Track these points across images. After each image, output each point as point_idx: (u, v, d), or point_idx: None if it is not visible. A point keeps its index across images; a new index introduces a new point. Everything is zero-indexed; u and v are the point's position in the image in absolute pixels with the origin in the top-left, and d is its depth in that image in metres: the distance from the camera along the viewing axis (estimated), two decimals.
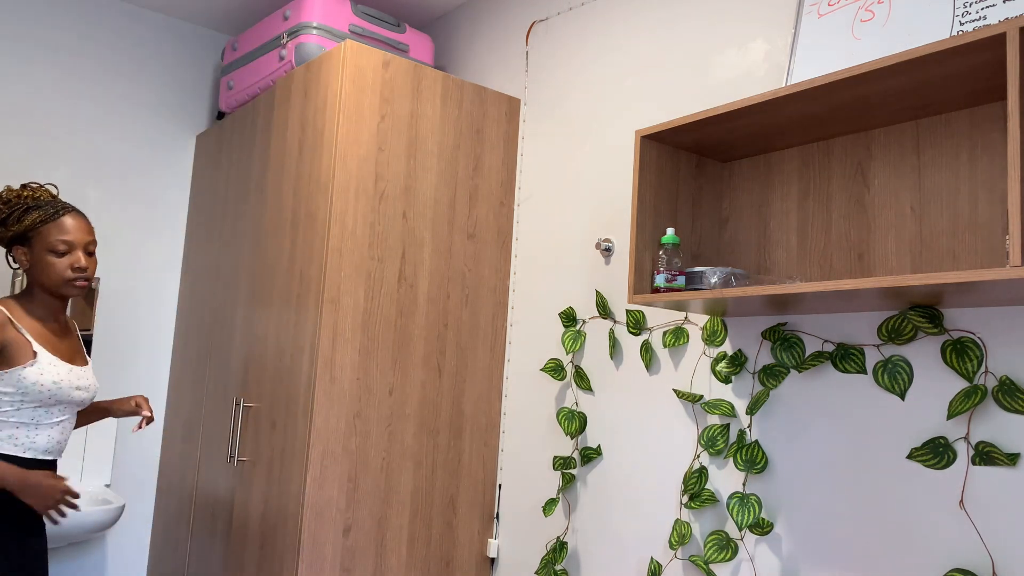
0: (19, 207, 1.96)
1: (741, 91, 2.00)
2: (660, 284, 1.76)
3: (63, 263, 1.94)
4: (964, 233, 1.53)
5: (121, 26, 3.21)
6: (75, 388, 1.97)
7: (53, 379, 1.91)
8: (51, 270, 1.93)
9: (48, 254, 1.93)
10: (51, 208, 1.96)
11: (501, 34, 2.84)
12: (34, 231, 1.94)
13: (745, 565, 1.84)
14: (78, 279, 1.95)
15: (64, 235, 1.94)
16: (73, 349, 2.05)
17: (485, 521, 2.54)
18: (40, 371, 1.89)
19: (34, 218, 1.94)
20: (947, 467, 1.52)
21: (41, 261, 1.94)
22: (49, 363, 1.91)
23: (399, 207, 2.41)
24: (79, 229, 1.98)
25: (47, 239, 1.93)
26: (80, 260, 1.96)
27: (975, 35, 1.27)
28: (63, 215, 1.97)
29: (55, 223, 1.95)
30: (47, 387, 1.90)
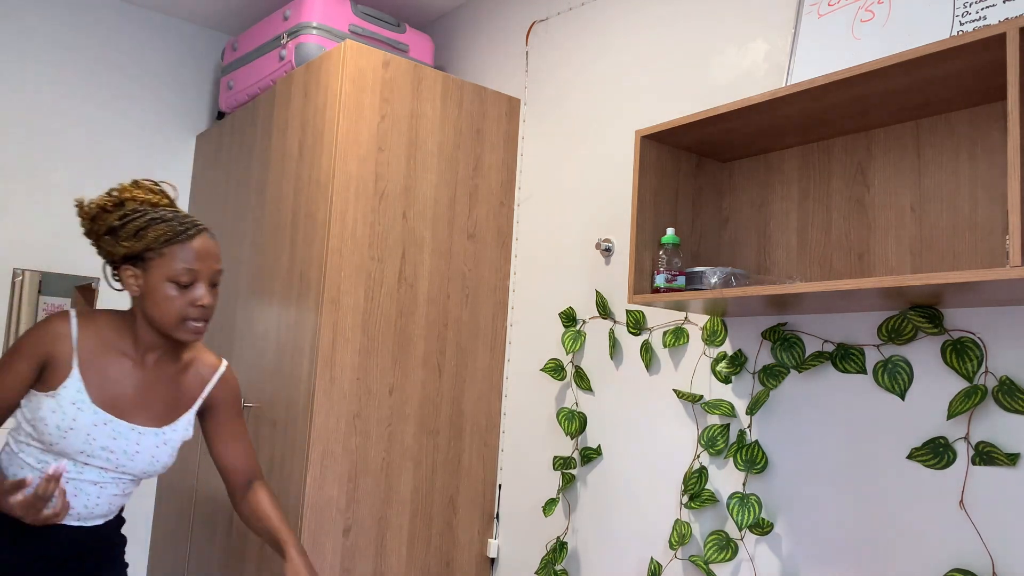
0: (138, 216, 1.52)
1: (741, 91, 2.00)
2: (660, 284, 1.76)
3: (184, 299, 1.50)
4: (964, 233, 1.53)
5: (121, 26, 3.21)
6: (103, 447, 1.50)
7: (60, 422, 1.46)
8: (167, 305, 1.50)
9: (167, 284, 1.49)
10: (179, 225, 1.51)
11: (501, 34, 2.84)
12: (155, 252, 1.50)
13: (745, 565, 1.84)
14: (198, 321, 1.52)
15: (192, 262, 1.50)
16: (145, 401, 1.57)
17: (485, 521, 2.54)
18: (55, 406, 1.47)
19: (158, 235, 1.49)
20: (947, 467, 1.52)
21: (156, 292, 1.50)
22: (71, 402, 1.48)
23: (399, 207, 2.41)
24: (210, 255, 1.54)
25: (170, 265, 1.49)
26: (205, 297, 1.51)
27: (975, 35, 1.27)
28: (195, 236, 1.52)
29: (183, 245, 1.50)
30: (50, 429, 1.47)
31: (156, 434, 1.57)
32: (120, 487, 1.57)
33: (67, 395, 1.48)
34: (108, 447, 1.51)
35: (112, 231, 1.53)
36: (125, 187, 1.56)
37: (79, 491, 1.52)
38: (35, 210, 2.98)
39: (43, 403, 1.48)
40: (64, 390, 1.48)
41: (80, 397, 1.49)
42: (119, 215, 1.52)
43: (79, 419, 1.48)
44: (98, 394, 1.51)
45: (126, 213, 1.52)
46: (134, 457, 1.54)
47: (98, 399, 1.51)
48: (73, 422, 1.47)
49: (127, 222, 1.51)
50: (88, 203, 1.56)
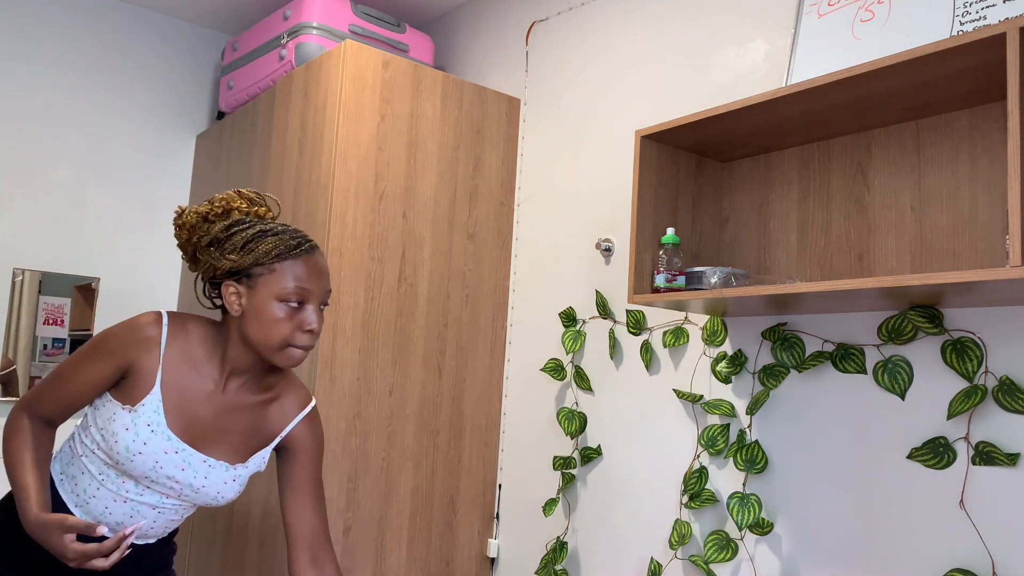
0: (246, 227, 1.39)
1: (741, 91, 2.00)
2: (660, 284, 1.76)
3: (292, 321, 1.36)
4: (964, 233, 1.53)
5: (121, 26, 3.21)
6: (168, 476, 1.40)
7: (131, 443, 1.36)
8: (274, 328, 1.35)
9: (275, 304, 1.35)
10: (291, 239, 1.39)
11: (501, 34, 2.84)
12: (264, 267, 1.36)
13: (745, 565, 1.84)
14: (303, 347, 1.38)
15: (304, 281, 1.37)
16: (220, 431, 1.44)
17: (485, 521, 2.54)
18: (130, 423, 1.36)
19: (269, 249, 1.36)
20: (947, 467, 1.52)
21: (263, 312, 1.36)
22: (146, 422, 1.36)
23: (399, 207, 2.41)
24: (322, 274, 1.40)
25: (281, 283, 1.35)
26: (314, 320, 1.38)
27: (975, 35, 1.27)
28: (309, 251, 1.40)
29: (295, 261, 1.37)
30: (119, 448, 1.36)
31: (227, 469, 1.45)
32: (179, 513, 1.48)
33: (144, 414, 1.36)
34: (174, 476, 1.40)
35: (216, 243, 1.39)
36: (229, 195, 1.44)
37: (135, 512, 1.42)
38: (35, 210, 2.98)
39: (118, 416, 1.37)
40: (142, 408, 1.36)
41: (157, 419, 1.37)
42: (224, 225, 1.39)
43: (150, 443, 1.36)
44: (175, 418, 1.39)
45: (233, 223, 1.40)
46: (199, 490, 1.43)
47: (174, 424, 1.38)
48: (144, 446, 1.36)
49: (234, 233, 1.38)
50: (188, 211, 1.43)
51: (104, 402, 1.39)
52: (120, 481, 1.40)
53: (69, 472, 1.42)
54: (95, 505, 1.40)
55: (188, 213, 1.43)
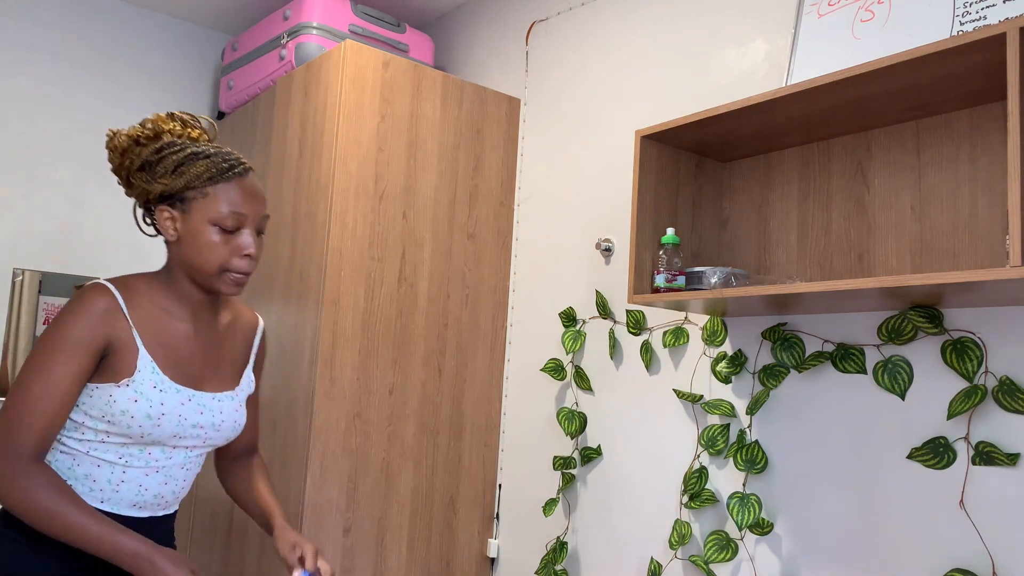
0: (177, 149, 1.35)
1: (741, 91, 2.00)
2: (660, 284, 1.76)
3: (228, 246, 1.34)
4: (964, 233, 1.53)
5: (121, 26, 3.21)
6: (193, 425, 1.37)
7: (149, 410, 1.31)
8: (210, 252, 1.33)
9: (209, 228, 1.33)
10: (224, 161, 1.35)
11: (501, 34, 2.84)
12: (197, 191, 1.33)
13: (745, 565, 1.84)
14: (241, 272, 1.36)
15: (239, 204, 1.34)
16: (212, 365, 1.43)
17: (485, 521, 2.54)
18: (134, 394, 1.30)
19: (200, 171, 1.33)
20: (947, 467, 1.52)
21: (198, 236, 1.33)
22: (151, 384, 1.32)
23: (399, 207, 2.41)
24: (257, 198, 1.37)
25: (214, 207, 1.32)
26: (250, 244, 1.35)
27: (975, 35, 1.27)
28: (243, 174, 1.37)
29: (229, 184, 1.34)
30: (139, 420, 1.30)
31: (232, 397, 1.44)
32: (200, 463, 1.46)
33: (144, 379, 1.31)
34: (198, 423, 1.38)
35: (146, 166, 1.36)
36: (160, 117, 1.39)
37: (168, 479, 1.39)
38: (35, 210, 2.98)
39: (116, 395, 1.29)
40: (139, 375, 1.31)
41: (158, 378, 1.32)
42: (155, 148, 1.36)
43: (167, 401, 1.33)
44: (173, 369, 1.36)
45: (164, 146, 1.36)
46: (220, 427, 1.42)
47: (175, 375, 1.36)
48: (162, 406, 1.32)
49: (164, 156, 1.35)
50: (119, 134, 1.39)
51: (90, 392, 1.30)
52: (146, 454, 1.35)
53: (78, 474, 1.33)
54: (127, 490, 1.35)
55: (119, 136, 1.39)
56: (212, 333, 1.45)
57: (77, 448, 1.33)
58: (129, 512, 1.36)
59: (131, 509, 1.36)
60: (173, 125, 1.40)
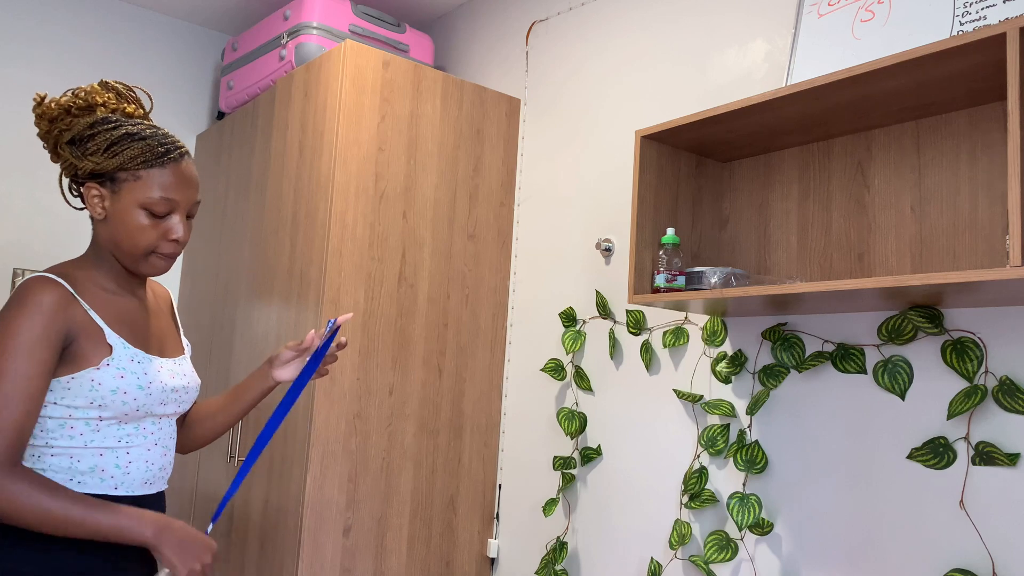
0: (111, 127, 1.32)
1: (741, 91, 2.00)
2: (660, 284, 1.76)
3: (157, 230, 1.32)
4: (964, 233, 1.53)
5: (121, 26, 3.21)
6: (173, 389, 1.40)
7: (138, 381, 1.32)
8: (138, 236, 1.31)
9: (139, 212, 1.31)
10: (160, 145, 1.32)
11: (501, 34, 2.84)
12: (129, 173, 1.30)
13: (745, 565, 1.84)
14: (167, 256, 1.36)
15: (171, 191, 1.32)
16: (160, 334, 1.45)
17: (485, 521, 2.54)
18: (119, 371, 1.30)
19: (135, 155, 1.30)
20: (947, 467, 1.52)
21: (126, 218, 1.31)
22: (130, 358, 1.32)
23: (399, 207, 2.41)
24: (190, 184, 1.36)
25: (146, 191, 1.30)
26: (178, 230, 1.34)
27: (975, 35, 1.27)
28: (178, 159, 1.34)
29: (163, 170, 1.32)
30: (133, 394, 1.31)
31: (186, 360, 1.48)
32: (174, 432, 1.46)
33: (121, 356, 1.31)
34: (176, 387, 1.40)
35: (77, 140, 1.32)
36: (95, 88, 1.36)
37: (166, 449, 1.41)
38: (35, 210, 2.98)
39: (100, 377, 1.28)
40: (116, 351, 1.31)
41: (132, 352, 1.33)
42: (88, 123, 1.32)
43: (149, 371, 1.34)
44: (140, 343, 1.37)
45: (97, 122, 1.32)
46: (189, 388, 1.45)
47: (143, 347, 1.37)
48: (146, 375, 1.33)
49: (97, 133, 1.31)
50: (49, 100, 1.35)
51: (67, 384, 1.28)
52: (142, 429, 1.35)
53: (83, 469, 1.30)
54: (136, 470, 1.35)
55: (48, 102, 1.35)
56: (148, 304, 1.46)
57: (72, 445, 1.29)
58: (142, 491, 1.36)
59: (143, 487, 1.36)
60: (108, 96, 1.37)
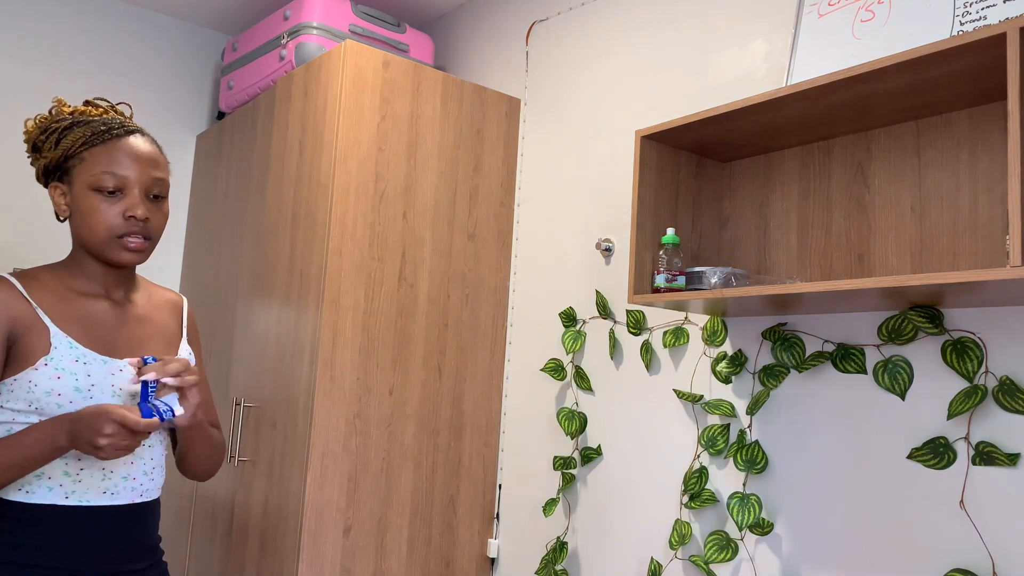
0: (59, 122, 1.34)
1: (741, 91, 2.00)
2: (660, 284, 1.76)
3: (111, 211, 1.29)
4: (964, 233, 1.53)
5: (121, 26, 3.21)
6: (132, 395, 1.31)
7: (76, 383, 1.25)
8: (92, 219, 1.28)
9: (91, 194, 1.29)
10: (103, 125, 1.32)
11: (501, 34, 2.84)
12: (75, 158, 1.30)
13: (745, 565, 1.84)
14: (131, 234, 1.30)
15: (115, 165, 1.29)
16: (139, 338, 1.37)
17: (485, 521, 2.54)
18: (56, 371, 1.24)
19: (76, 137, 1.30)
20: (947, 467, 1.52)
21: (81, 204, 1.30)
22: (72, 359, 1.25)
23: (399, 207, 2.41)
24: (142, 159, 1.32)
25: (90, 169, 1.29)
26: (136, 206, 1.29)
27: (975, 35, 1.27)
28: (121, 135, 1.32)
29: (105, 146, 1.30)
30: (68, 396, 1.24)
31: None
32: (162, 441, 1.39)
33: (62, 355, 1.25)
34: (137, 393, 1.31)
35: (36, 148, 1.36)
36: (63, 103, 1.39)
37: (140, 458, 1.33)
38: (35, 210, 2.98)
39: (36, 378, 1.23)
40: (56, 351, 1.25)
41: (78, 352, 1.26)
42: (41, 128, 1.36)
43: (94, 372, 1.27)
44: (95, 343, 1.30)
45: (50, 123, 1.36)
46: None
47: (97, 348, 1.30)
48: (89, 378, 1.26)
49: (49, 132, 1.34)
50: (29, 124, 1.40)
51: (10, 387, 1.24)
52: None
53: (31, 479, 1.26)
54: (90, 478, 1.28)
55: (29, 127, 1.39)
56: (136, 309, 1.40)
57: None
58: (101, 501, 1.28)
59: (103, 497, 1.28)
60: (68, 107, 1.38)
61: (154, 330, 1.42)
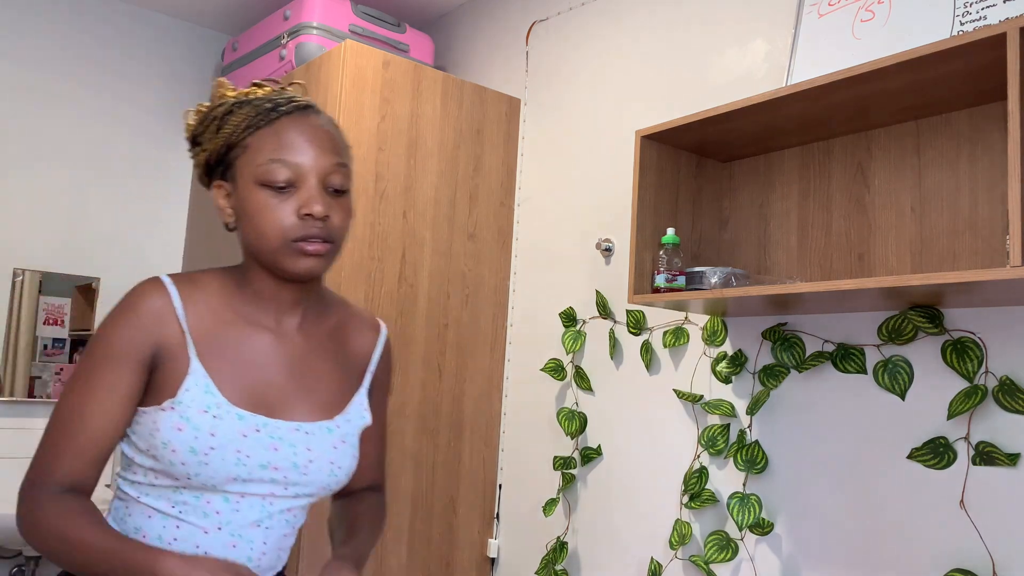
0: (220, 106, 1.09)
1: (741, 91, 2.00)
2: (660, 284, 1.76)
3: (283, 210, 1.02)
4: (964, 233, 1.53)
5: (121, 26, 3.21)
6: (263, 465, 1.04)
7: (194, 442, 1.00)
8: (261, 220, 1.02)
9: (257, 191, 1.03)
10: (268, 103, 1.06)
11: (501, 34, 2.84)
12: (237, 147, 1.05)
13: (745, 565, 1.84)
14: (310, 238, 1.02)
15: (286, 151, 1.03)
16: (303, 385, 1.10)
17: (485, 521, 2.54)
18: (179, 420, 1.00)
19: (239, 121, 1.05)
20: (947, 467, 1.52)
21: (247, 205, 1.04)
22: (201, 408, 1.01)
23: (399, 207, 2.41)
24: (315, 140, 1.05)
25: (255, 160, 1.03)
26: (313, 200, 1.02)
27: (975, 35, 1.27)
28: (289, 112, 1.06)
29: (271, 127, 1.04)
30: (181, 456, 1.00)
31: (330, 429, 1.10)
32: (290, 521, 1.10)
33: (192, 401, 1.01)
34: (270, 463, 1.04)
35: (194, 140, 1.12)
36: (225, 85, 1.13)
37: (240, 540, 1.05)
38: (35, 210, 2.98)
39: (160, 422, 1.01)
40: (186, 394, 1.01)
41: (211, 399, 1.02)
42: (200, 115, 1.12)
43: (220, 431, 1.01)
44: (236, 390, 1.04)
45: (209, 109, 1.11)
46: (308, 469, 1.07)
47: (238, 397, 1.04)
48: (212, 437, 1.00)
49: (208, 120, 1.09)
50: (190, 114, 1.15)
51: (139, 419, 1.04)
52: (203, 503, 1.03)
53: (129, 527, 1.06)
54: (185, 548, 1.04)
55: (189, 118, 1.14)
56: (309, 344, 1.12)
57: (129, 493, 1.07)
58: None
59: None
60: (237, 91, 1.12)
61: (326, 373, 1.13)
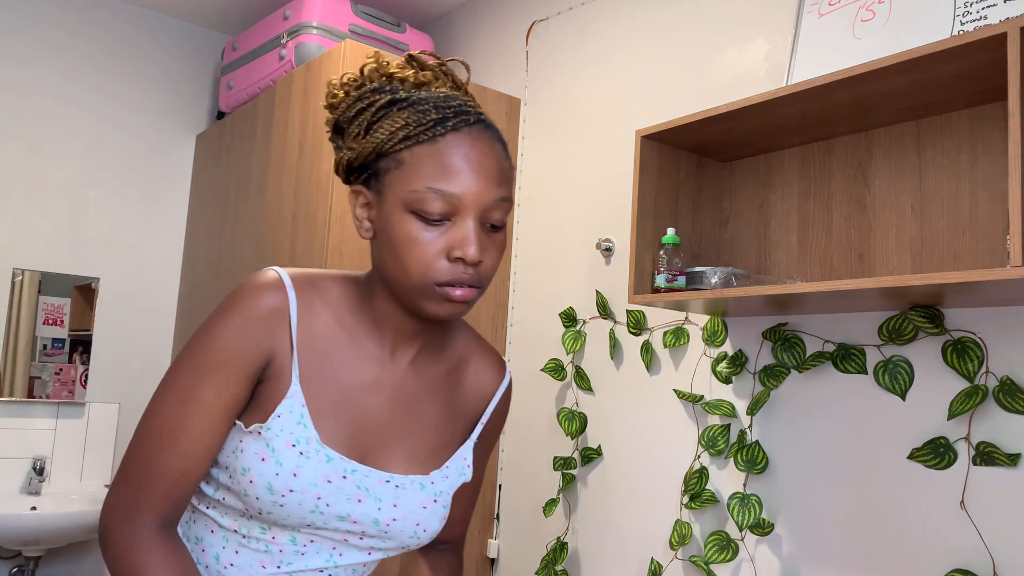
0: (378, 98, 0.89)
1: (741, 91, 2.00)
2: (660, 284, 1.76)
3: (434, 246, 0.85)
4: (964, 233, 1.53)
5: (121, 26, 3.21)
6: (341, 516, 0.91)
7: (274, 479, 0.87)
8: (405, 254, 0.86)
9: (405, 218, 0.85)
10: (434, 110, 0.87)
11: (501, 34, 2.84)
12: (390, 158, 0.87)
13: (745, 565, 1.84)
14: (460, 286, 0.86)
15: (447, 179, 0.84)
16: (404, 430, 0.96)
17: (485, 521, 2.54)
18: (264, 449, 0.87)
19: (395, 129, 0.86)
20: (948, 467, 1.52)
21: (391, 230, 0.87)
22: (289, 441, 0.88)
23: None
24: (482, 169, 0.87)
25: (408, 182, 0.85)
26: (468, 240, 0.85)
27: (976, 35, 1.27)
28: (457, 128, 0.87)
29: (435, 145, 0.85)
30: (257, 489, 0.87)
31: (423, 486, 0.96)
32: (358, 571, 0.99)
33: (283, 431, 0.88)
34: (349, 515, 0.91)
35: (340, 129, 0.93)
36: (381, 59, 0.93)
37: None
38: (35, 210, 2.98)
39: (245, 444, 0.88)
40: (277, 421, 0.88)
41: (303, 433, 0.88)
42: (354, 98, 0.91)
43: (303, 472, 0.87)
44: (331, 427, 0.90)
45: (361, 96, 0.91)
46: (388, 528, 0.94)
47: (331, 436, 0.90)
48: (294, 479, 0.87)
49: (359, 111, 0.90)
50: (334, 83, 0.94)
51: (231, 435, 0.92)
52: (269, 537, 0.91)
53: (191, 535, 0.95)
54: None
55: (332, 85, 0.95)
56: (416, 380, 0.97)
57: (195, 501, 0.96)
58: None
59: None
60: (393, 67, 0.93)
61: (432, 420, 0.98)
